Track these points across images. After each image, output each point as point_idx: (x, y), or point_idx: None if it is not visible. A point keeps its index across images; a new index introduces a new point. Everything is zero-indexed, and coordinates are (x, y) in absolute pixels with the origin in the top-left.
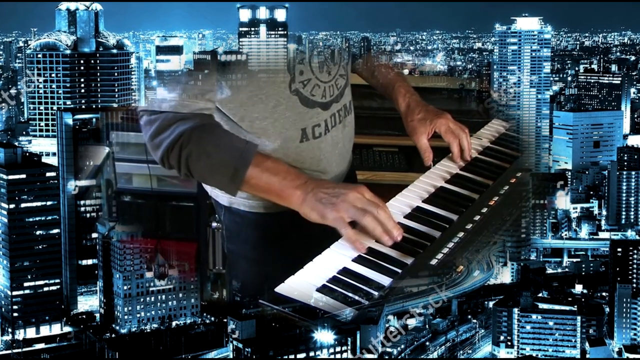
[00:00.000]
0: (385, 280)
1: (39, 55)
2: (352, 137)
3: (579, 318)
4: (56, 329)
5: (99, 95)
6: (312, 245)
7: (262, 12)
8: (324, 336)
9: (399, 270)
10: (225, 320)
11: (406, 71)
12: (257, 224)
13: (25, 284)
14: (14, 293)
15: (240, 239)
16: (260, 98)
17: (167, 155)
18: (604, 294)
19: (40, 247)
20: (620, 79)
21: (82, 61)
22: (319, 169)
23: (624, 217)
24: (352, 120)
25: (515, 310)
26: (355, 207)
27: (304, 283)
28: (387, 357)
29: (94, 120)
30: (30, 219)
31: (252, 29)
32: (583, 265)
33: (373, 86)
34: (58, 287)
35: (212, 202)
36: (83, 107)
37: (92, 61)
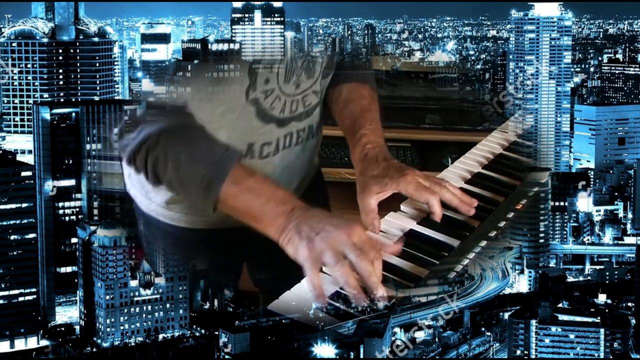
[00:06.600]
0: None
1: (14, 44)
2: (310, 162)
3: (602, 330)
4: (32, 342)
5: (79, 88)
6: (233, 267)
7: None
8: (325, 350)
9: (412, 285)
10: (216, 332)
11: (418, 54)
12: (176, 239)
13: None
14: None
15: (157, 255)
16: (209, 98)
17: (134, 159)
18: (629, 304)
19: (15, 253)
20: None
21: (60, 50)
22: None
23: None
24: (314, 146)
25: (533, 322)
26: (334, 251)
27: (302, 299)
28: None
29: (73, 114)
30: (4, 223)
31: (246, 15)
32: (607, 273)
33: (336, 120)
34: (34, 296)
35: (134, 206)
36: (62, 100)
37: (72, 50)
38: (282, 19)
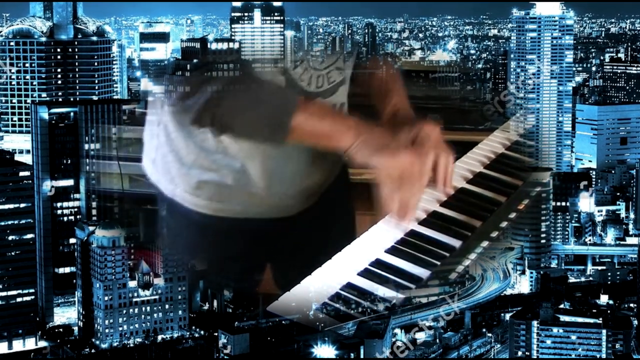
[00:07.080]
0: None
1: (12, 43)
2: None
3: (604, 331)
4: (30, 343)
5: (78, 87)
6: (259, 256)
7: None
8: (325, 351)
9: (413, 286)
10: (216, 333)
11: (419, 53)
12: (201, 227)
13: None
14: None
15: (179, 242)
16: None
17: (199, 119)
18: (631, 305)
19: (13, 253)
20: None
21: (58, 49)
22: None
23: None
24: None
25: (535, 322)
26: (392, 169)
27: (301, 300)
28: None
29: (71, 114)
30: (2, 223)
31: (246, 14)
32: (609, 274)
33: (362, 92)
34: (32, 297)
35: (157, 193)
36: (60, 99)
37: (70, 49)
38: (281, 17)
